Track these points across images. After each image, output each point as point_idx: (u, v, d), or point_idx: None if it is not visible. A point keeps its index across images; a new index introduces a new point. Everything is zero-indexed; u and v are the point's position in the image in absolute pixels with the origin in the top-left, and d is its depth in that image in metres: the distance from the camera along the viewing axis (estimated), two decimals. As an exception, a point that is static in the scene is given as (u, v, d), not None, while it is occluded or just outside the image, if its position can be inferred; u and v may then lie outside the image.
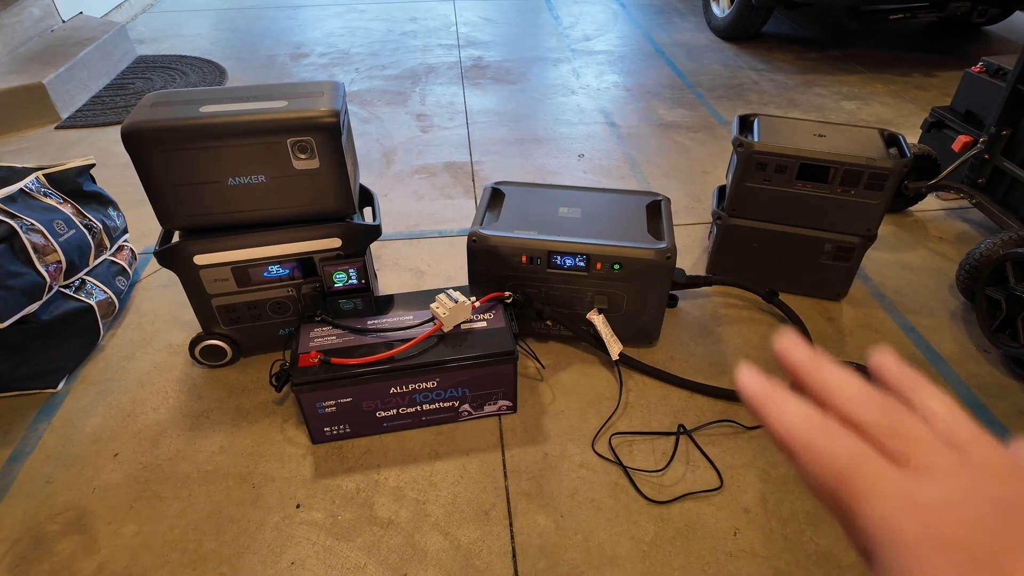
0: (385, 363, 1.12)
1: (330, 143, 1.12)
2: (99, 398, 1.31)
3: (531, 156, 2.21)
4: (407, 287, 1.60)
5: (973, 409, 1.29)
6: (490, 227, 1.32)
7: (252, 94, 1.14)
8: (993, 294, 1.37)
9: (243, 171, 1.12)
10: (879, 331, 1.47)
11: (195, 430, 1.24)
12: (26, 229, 1.24)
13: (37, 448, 1.21)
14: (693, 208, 1.92)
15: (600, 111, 2.53)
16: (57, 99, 2.41)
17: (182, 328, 1.47)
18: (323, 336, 1.17)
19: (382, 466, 1.17)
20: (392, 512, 1.09)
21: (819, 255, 1.48)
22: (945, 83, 2.76)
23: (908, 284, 1.61)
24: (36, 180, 1.35)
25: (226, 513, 1.09)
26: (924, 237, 1.79)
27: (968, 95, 1.78)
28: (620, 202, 1.41)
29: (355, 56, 3.06)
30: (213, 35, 3.33)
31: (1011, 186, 1.60)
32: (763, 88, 2.73)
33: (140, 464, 1.18)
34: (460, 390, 1.19)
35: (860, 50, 3.12)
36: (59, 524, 1.08)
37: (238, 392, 1.31)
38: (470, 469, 1.16)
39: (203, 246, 1.19)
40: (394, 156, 2.21)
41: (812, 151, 1.36)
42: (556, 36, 3.35)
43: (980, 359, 1.40)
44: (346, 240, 1.25)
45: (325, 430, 1.19)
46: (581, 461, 1.17)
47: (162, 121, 1.06)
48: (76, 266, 1.35)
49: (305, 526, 1.07)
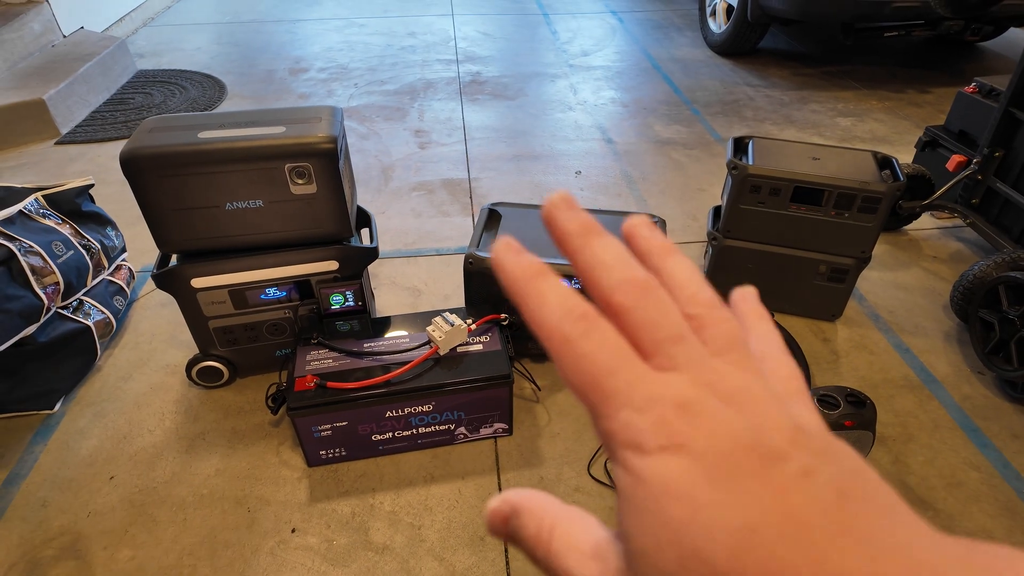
0: (381, 387, 1.13)
1: (328, 169, 1.13)
2: (95, 419, 1.31)
3: (528, 173, 2.22)
4: (404, 306, 1.61)
5: (967, 432, 1.29)
6: (486, 249, 1.33)
7: (250, 119, 1.15)
8: (987, 317, 1.38)
9: (241, 196, 1.13)
10: (873, 351, 1.48)
11: (191, 452, 1.24)
12: (24, 251, 1.24)
13: (33, 471, 1.21)
14: (689, 226, 1.93)
15: (597, 127, 2.55)
16: (57, 115, 2.42)
17: (179, 348, 1.47)
18: (319, 359, 1.18)
19: (377, 490, 1.17)
20: (387, 537, 1.09)
21: (813, 276, 1.49)
22: (940, 100, 2.78)
23: (902, 304, 1.62)
24: (35, 201, 1.36)
25: (221, 538, 1.09)
26: (918, 256, 1.80)
27: (961, 115, 1.80)
28: (616, 224, 1.42)
29: (354, 71, 3.08)
30: (213, 49, 3.35)
31: (1004, 206, 1.61)
32: (759, 104, 2.75)
33: (136, 487, 1.18)
34: (456, 413, 1.20)
35: (855, 66, 3.15)
36: (54, 549, 1.08)
37: (234, 413, 1.32)
38: (466, 493, 1.16)
39: (200, 269, 1.20)
40: (392, 173, 2.23)
41: (806, 174, 1.37)
42: (554, 51, 3.37)
43: (974, 381, 1.41)
44: (343, 263, 1.26)
45: (321, 453, 1.19)
46: (576, 485, 1.18)
47: (160, 147, 1.07)
48: (74, 287, 1.35)
49: (300, 551, 1.07)
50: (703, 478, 0.16)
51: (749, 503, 0.16)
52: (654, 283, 0.20)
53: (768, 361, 0.22)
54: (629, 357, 0.19)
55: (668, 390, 0.18)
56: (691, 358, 0.19)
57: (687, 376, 0.18)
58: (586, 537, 0.20)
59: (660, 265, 0.22)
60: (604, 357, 0.19)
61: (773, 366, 0.22)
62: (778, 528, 0.16)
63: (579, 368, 0.19)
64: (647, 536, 0.17)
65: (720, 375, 0.19)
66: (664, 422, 0.17)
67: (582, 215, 0.22)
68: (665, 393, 0.18)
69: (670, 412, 0.18)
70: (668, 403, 0.18)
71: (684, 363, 0.19)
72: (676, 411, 0.18)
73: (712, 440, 0.17)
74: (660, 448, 0.17)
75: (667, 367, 0.19)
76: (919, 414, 1.33)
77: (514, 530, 0.21)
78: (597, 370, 0.18)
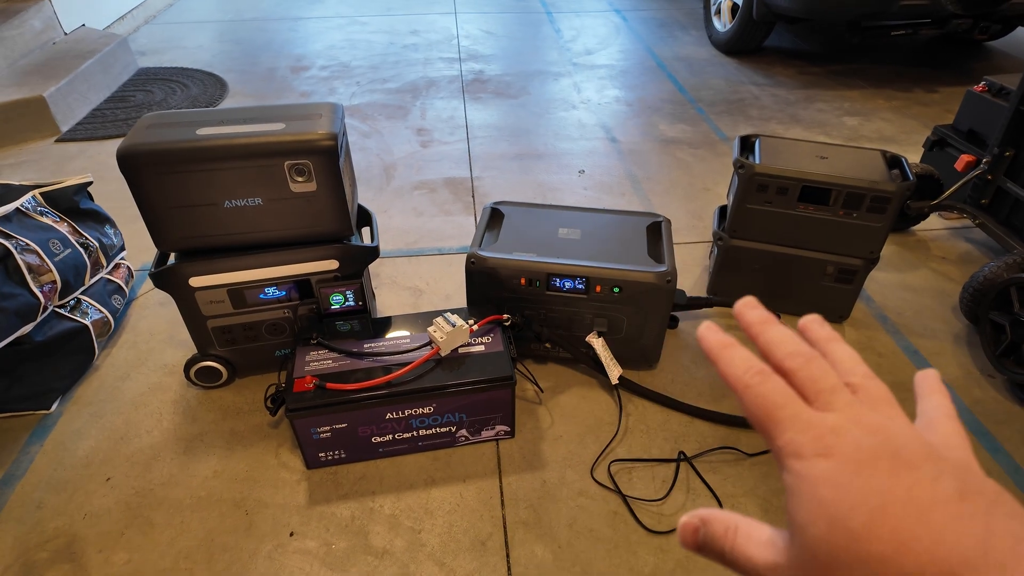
0: (381, 388, 1.11)
1: (328, 166, 1.11)
2: (92, 420, 1.29)
3: (531, 172, 2.20)
4: (405, 306, 1.59)
5: (978, 436, 1.27)
6: (489, 248, 1.31)
7: (249, 116, 1.13)
8: (997, 319, 1.35)
9: (239, 194, 1.11)
10: (881, 354, 1.46)
11: (189, 453, 1.22)
12: (21, 249, 1.23)
13: (29, 472, 1.19)
14: (694, 226, 1.90)
15: (601, 126, 2.53)
16: (57, 112, 2.41)
17: (177, 347, 1.45)
18: (319, 360, 1.16)
19: (377, 493, 1.15)
20: (387, 541, 1.07)
21: (821, 277, 1.46)
22: (947, 99, 2.76)
23: (911, 305, 1.60)
24: (33, 199, 1.34)
25: (218, 541, 1.08)
26: (927, 257, 1.78)
27: (970, 114, 1.77)
28: (620, 223, 1.40)
29: (356, 69, 3.06)
30: (215, 47, 3.34)
31: (1014, 207, 1.59)
32: (764, 103, 2.73)
33: (132, 489, 1.16)
34: (457, 415, 1.18)
35: (862, 65, 3.12)
36: (49, 552, 1.06)
37: (233, 414, 1.30)
38: (467, 497, 1.14)
39: (199, 268, 1.18)
40: (394, 171, 2.21)
41: (814, 173, 1.35)
42: (557, 50, 3.35)
43: (985, 384, 1.38)
44: (344, 262, 1.24)
45: (320, 455, 1.17)
46: (580, 489, 1.16)
47: (158, 144, 1.05)
48: (71, 286, 1.34)
49: (299, 555, 1.05)
50: (848, 472, 0.23)
51: (884, 490, 0.22)
52: (816, 354, 0.28)
53: (936, 426, 0.28)
54: (795, 398, 0.26)
55: (824, 420, 0.25)
56: (844, 403, 0.26)
57: (839, 414, 0.25)
58: (760, 532, 0.27)
59: (827, 349, 0.30)
60: (775, 397, 0.26)
61: (941, 431, 0.27)
62: (904, 508, 0.21)
63: (757, 404, 0.26)
64: (804, 513, 0.23)
65: (867, 415, 0.25)
66: (819, 438, 0.24)
67: (763, 311, 0.30)
68: (821, 422, 0.25)
69: (824, 432, 0.24)
70: (823, 427, 0.24)
71: (838, 407, 0.25)
72: (829, 432, 0.24)
73: (856, 450, 0.23)
74: (815, 454, 0.24)
75: (824, 409, 0.26)
76: (928, 418, 1.30)
77: (704, 537, 0.28)
78: (770, 404, 0.26)
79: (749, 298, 0.30)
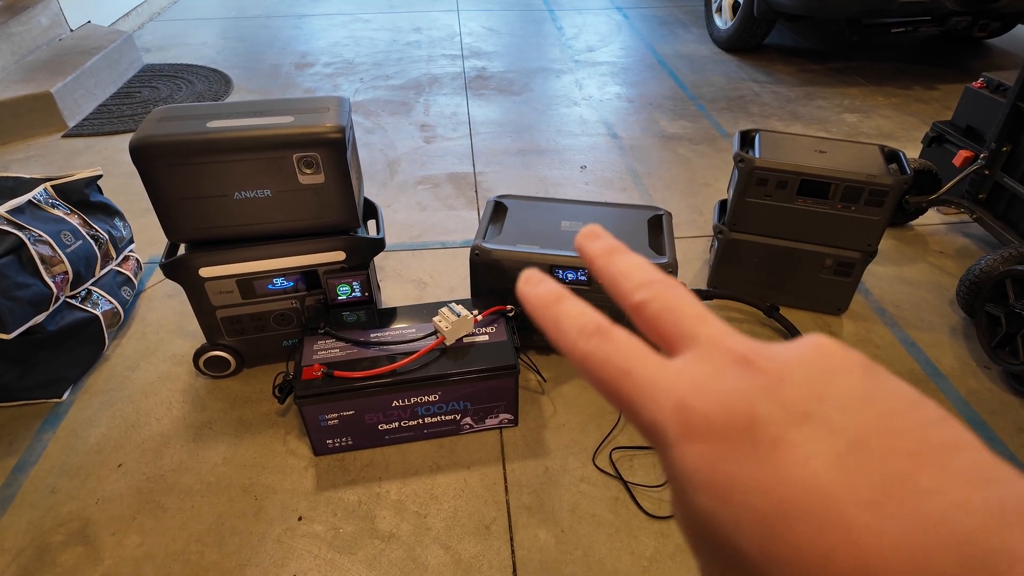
0: (387, 376, 1.13)
1: (335, 158, 1.13)
2: (103, 408, 1.32)
3: (534, 167, 2.22)
4: (410, 299, 1.61)
5: (973, 426, 1.29)
6: (493, 241, 1.33)
7: (259, 109, 1.15)
8: (993, 311, 1.38)
9: (249, 186, 1.13)
10: (879, 346, 1.48)
11: (198, 441, 1.25)
12: (33, 240, 1.25)
13: (42, 458, 1.22)
14: (695, 221, 1.93)
15: (603, 122, 2.55)
16: (64, 108, 2.43)
17: (186, 338, 1.48)
18: (326, 349, 1.18)
19: (384, 479, 1.17)
20: (393, 525, 1.10)
21: (820, 270, 1.49)
22: (946, 96, 2.77)
23: (908, 299, 1.62)
24: (44, 191, 1.36)
25: (228, 525, 1.10)
26: (925, 251, 1.80)
27: (969, 110, 1.79)
28: (622, 216, 1.42)
29: (360, 66, 3.08)
30: (219, 44, 3.36)
31: (1011, 202, 1.61)
32: (765, 100, 2.74)
33: (143, 475, 1.19)
34: (462, 403, 1.20)
35: (862, 62, 3.14)
36: (63, 535, 1.09)
37: (241, 403, 1.32)
38: (471, 483, 1.17)
39: (208, 259, 1.20)
40: (398, 167, 2.23)
41: (813, 167, 1.37)
42: (559, 47, 3.37)
43: (980, 375, 1.40)
44: (350, 253, 1.26)
45: (327, 442, 1.19)
46: (582, 475, 1.18)
47: (170, 136, 1.08)
48: (82, 277, 1.36)
49: (307, 539, 1.08)
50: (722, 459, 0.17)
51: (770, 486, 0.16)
52: (675, 280, 0.21)
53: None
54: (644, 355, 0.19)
55: (683, 374, 0.18)
56: (708, 334, 0.19)
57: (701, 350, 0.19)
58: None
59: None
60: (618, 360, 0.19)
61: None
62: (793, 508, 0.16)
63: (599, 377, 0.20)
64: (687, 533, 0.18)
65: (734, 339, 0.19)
66: (679, 408, 0.18)
67: (607, 240, 0.24)
68: (678, 378, 0.18)
69: (686, 395, 0.18)
70: (683, 387, 0.18)
71: (702, 338, 0.19)
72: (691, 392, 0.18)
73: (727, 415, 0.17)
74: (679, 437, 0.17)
75: (688, 347, 0.19)
76: (925, 408, 1.32)
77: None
78: (614, 372, 0.19)
79: (592, 226, 0.24)
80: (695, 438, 0.17)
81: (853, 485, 0.15)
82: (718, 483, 0.16)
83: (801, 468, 0.15)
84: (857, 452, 0.15)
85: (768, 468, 0.16)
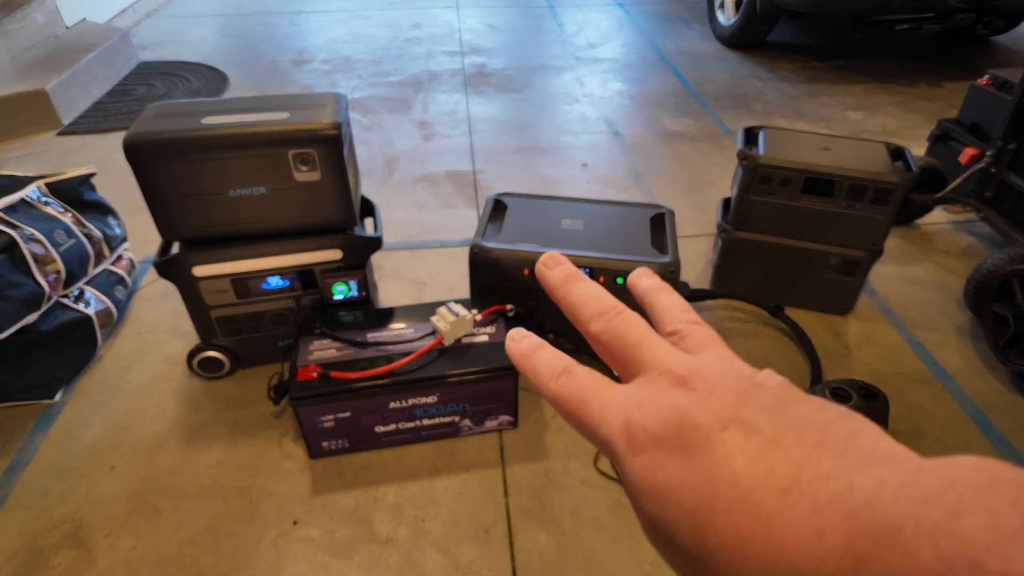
0: (385, 377, 1.11)
1: (332, 155, 1.11)
2: (97, 409, 1.30)
3: (534, 166, 2.20)
4: (408, 298, 1.59)
5: (980, 427, 1.27)
6: (492, 239, 1.31)
7: (254, 105, 1.13)
8: (1000, 311, 1.35)
9: (244, 183, 1.11)
10: (885, 346, 1.46)
11: (193, 443, 1.23)
12: (26, 239, 1.23)
13: (34, 459, 1.20)
14: (697, 219, 1.90)
15: (604, 120, 2.53)
16: (59, 105, 2.41)
17: (180, 339, 1.46)
18: (322, 349, 1.16)
19: (381, 482, 1.15)
20: (391, 529, 1.08)
21: (824, 269, 1.46)
22: (951, 94, 2.75)
23: (914, 298, 1.60)
24: (37, 190, 1.34)
25: (223, 528, 1.08)
26: (930, 250, 1.78)
27: (974, 108, 1.77)
28: (624, 214, 1.40)
29: (358, 63, 3.06)
30: (216, 41, 3.34)
31: (1018, 200, 1.58)
32: (768, 97, 2.72)
33: (137, 477, 1.17)
34: (461, 405, 1.18)
35: (866, 60, 3.12)
36: (56, 537, 1.07)
37: (236, 404, 1.30)
38: (470, 486, 1.15)
39: (203, 257, 1.18)
40: (396, 164, 2.21)
41: (817, 165, 1.35)
42: (560, 44, 3.34)
43: (988, 376, 1.38)
44: (347, 252, 1.24)
45: (323, 445, 1.17)
46: (583, 478, 1.16)
47: (164, 133, 1.05)
48: (75, 276, 1.34)
49: (302, 543, 1.06)
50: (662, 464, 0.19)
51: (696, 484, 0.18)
52: (623, 307, 0.25)
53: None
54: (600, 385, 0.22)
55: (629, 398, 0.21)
56: (652, 358, 0.22)
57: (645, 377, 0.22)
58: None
59: (651, 300, 0.27)
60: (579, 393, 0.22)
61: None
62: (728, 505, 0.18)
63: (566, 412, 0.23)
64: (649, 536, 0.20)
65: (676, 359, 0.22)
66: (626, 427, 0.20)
67: (566, 268, 0.26)
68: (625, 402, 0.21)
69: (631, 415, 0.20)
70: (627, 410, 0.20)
71: (646, 364, 0.22)
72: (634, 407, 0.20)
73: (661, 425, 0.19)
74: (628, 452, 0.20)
75: (634, 372, 0.22)
76: (931, 409, 1.30)
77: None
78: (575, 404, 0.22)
79: (551, 253, 0.27)
80: (639, 450, 0.19)
81: (765, 477, 0.17)
82: (658, 488, 0.18)
83: (723, 466, 0.17)
84: (771, 448, 0.17)
85: (697, 469, 0.18)
